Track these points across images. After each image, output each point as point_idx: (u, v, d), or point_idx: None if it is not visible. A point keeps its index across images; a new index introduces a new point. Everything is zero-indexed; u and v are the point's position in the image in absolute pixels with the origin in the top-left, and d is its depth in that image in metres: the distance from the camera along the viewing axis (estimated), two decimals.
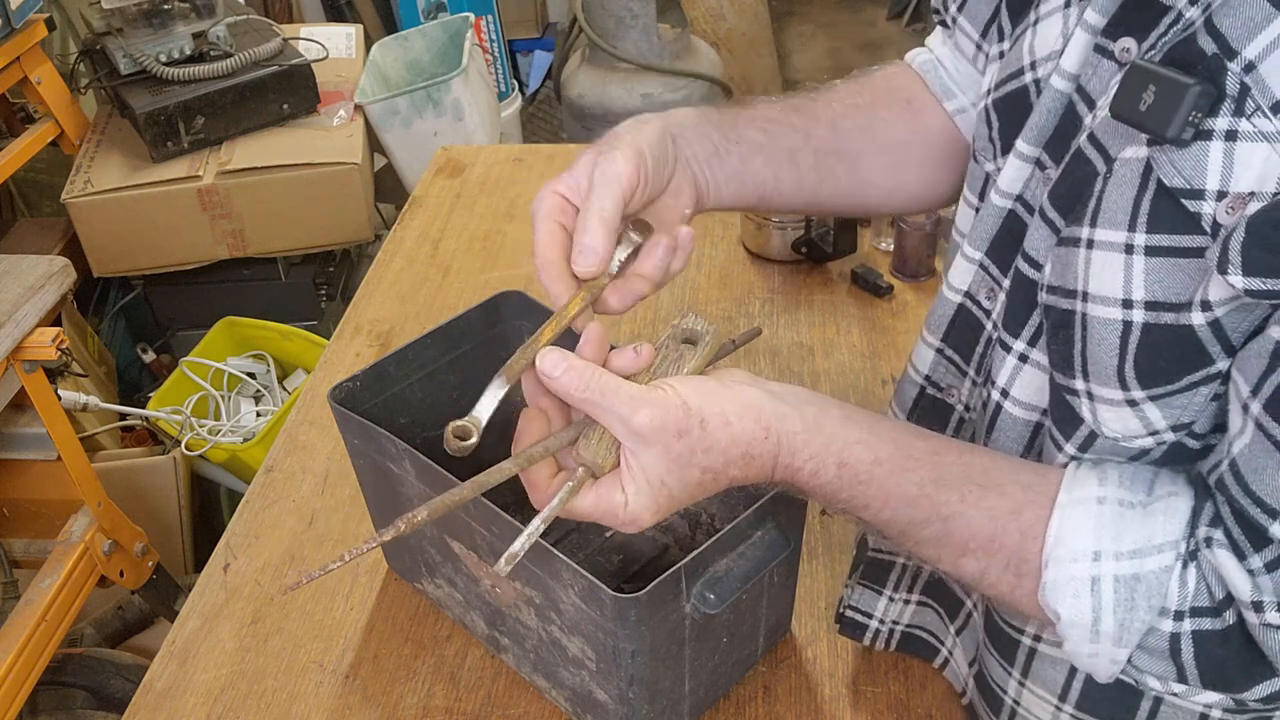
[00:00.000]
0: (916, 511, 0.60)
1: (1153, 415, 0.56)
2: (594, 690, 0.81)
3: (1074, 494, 0.58)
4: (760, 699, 0.89)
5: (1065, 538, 0.57)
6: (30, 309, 1.41)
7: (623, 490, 0.60)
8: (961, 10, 0.78)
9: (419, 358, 0.96)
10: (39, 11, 1.97)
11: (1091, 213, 0.56)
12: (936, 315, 0.73)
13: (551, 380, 0.60)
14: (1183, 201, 0.51)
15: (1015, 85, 0.67)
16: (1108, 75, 0.58)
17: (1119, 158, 0.55)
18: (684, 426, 0.58)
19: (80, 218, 2.09)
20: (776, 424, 0.60)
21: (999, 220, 0.67)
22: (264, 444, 1.88)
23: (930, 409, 0.76)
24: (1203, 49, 0.51)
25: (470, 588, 0.89)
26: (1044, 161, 0.63)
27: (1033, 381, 0.64)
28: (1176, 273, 0.52)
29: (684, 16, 3.15)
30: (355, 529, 1.07)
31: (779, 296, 1.36)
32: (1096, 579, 0.56)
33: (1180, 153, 0.51)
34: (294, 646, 0.96)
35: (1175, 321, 0.53)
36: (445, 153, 1.75)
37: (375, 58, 2.55)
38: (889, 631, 0.87)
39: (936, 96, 0.84)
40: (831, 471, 0.60)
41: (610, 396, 0.58)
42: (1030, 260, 0.62)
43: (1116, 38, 0.58)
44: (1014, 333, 0.65)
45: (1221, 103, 0.49)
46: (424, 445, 0.85)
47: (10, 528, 1.62)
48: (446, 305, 1.38)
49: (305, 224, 2.19)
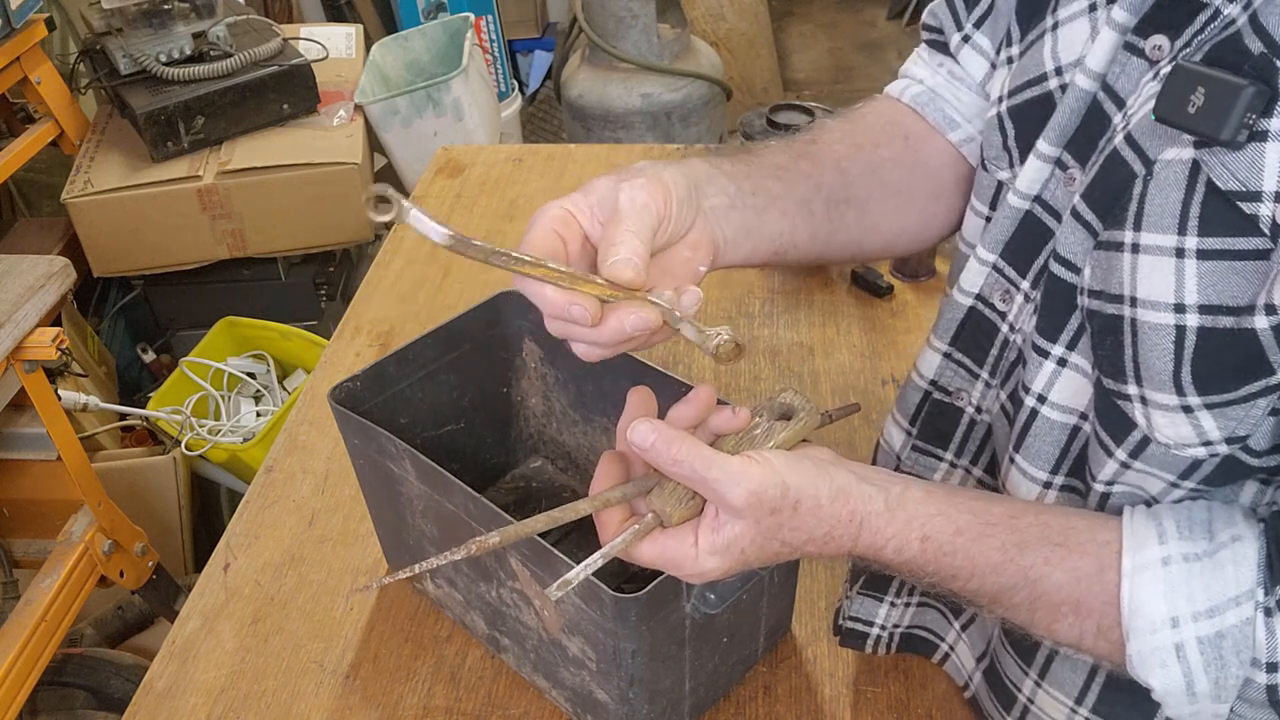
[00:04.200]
0: (1003, 577, 0.59)
1: (1207, 424, 0.55)
2: (594, 690, 0.81)
3: (1137, 559, 0.57)
4: (760, 699, 0.89)
5: (1140, 609, 0.56)
6: (30, 309, 1.41)
7: (695, 544, 0.61)
8: (980, 27, 0.76)
9: (419, 358, 0.96)
10: (39, 11, 1.97)
11: (1134, 216, 0.55)
12: (945, 320, 0.73)
13: (642, 452, 0.60)
14: (1238, 204, 0.50)
15: (1036, 91, 0.65)
16: (1137, 73, 0.57)
17: (1159, 159, 0.54)
18: (778, 505, 0.59)
19: (80, 218, 2.09)
20: (862, 506, 0.61)
21: (1015, 222, 0.66)
22: (264, 444, 1.88)
23: (937, 414, 0.76)
24: (1249, 48, 0.50)
25: (470, 588, 0.89)
26: (1065, 161, 0.62)
27: (1071, 385, 0.63)
28: (1233, 275, 0.51)
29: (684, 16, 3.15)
30: (355, 529, 1.07)
31: (779, 296, 1.36)
32: (1180, 645, 0.55)
33: (1234, 155, 0.50)
34: (294, 646, 0.96)
35: (1235, 325, 0.52)
36: (445, 153, 1.75)
37: (375, 58, 2.54)
38: (889, 636, 0.87)
39: (938, 129, 0.81)
40: (915, 547, 0.60)
41: (704, 471, 0.59)
42: (1065, 263, 0.61)
43: (1148, 35, 0.56)
44: (1051, 337, 0.63)
45: (1276, 103, 0.48)
46: (423, 445, 0.85)
47: (10, 528, 1.62)
48: (446, 305, 1.38)
49: (305, 224, 2.19)
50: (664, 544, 0.61)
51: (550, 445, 1.09)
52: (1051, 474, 0.66)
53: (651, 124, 2.94)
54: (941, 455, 0.77)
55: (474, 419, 1.03)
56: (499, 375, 1.04)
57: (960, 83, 0.80)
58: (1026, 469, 0.67)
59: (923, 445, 0.77)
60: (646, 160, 0.69)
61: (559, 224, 0.63)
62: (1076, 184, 0.61)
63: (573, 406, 1.03)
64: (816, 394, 1.20)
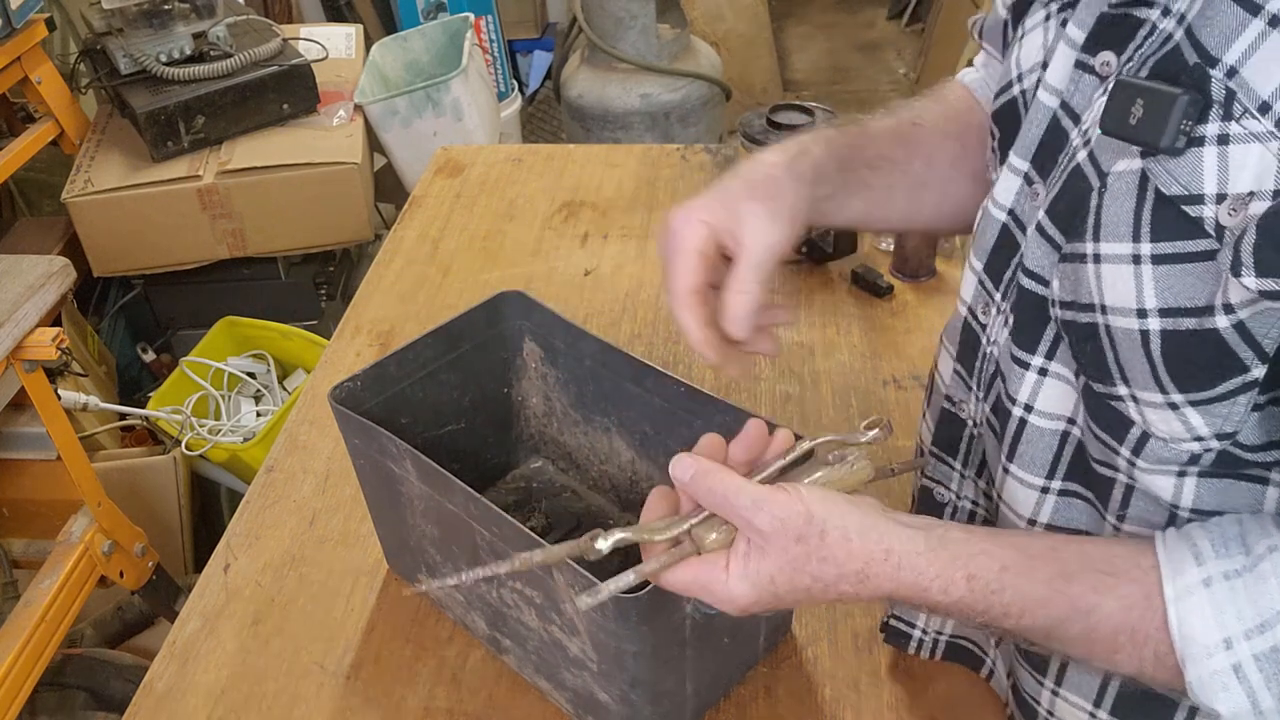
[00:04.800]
0: (1054, 610, 0.59)
1: (1195, 421, 0.56)
2: (596, 691, 0.81)
3: (1178, 584, 0.56)
4: (762, 699, 0.89)
5: (1191, 634, 0.55)
6: (30, 309, 1.41)
7: (726, 570, 0.62)
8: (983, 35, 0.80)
9: (419, 358, 0.96)
10: (39, 11, 1.97)
11: (1093, 228, 0.57)
12: (952, 328, 0.74)
13: (681, 485, 0.63)
14: (1183, 208, 0.52)
15: (1007, 97, 0.68)
16: (1090, 90, 0.60)
17: (1112, 171, 0.56)
18: (804, 533, 0.60)
19: (80, 217, 2.09)
20: (899, 545, 0.60)
21: (996, 233, 0.67)
22: (264, 444, 1.88)
23: (949, 423, 0.76)
24: (1186, 60, 0.52)
25: (471, 588, 0.89)
26: (1031, 176, 0.64)
27: (1055, 392, 0.64)
28: (1187, 278, 0.53)
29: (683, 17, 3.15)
30: (356, 529, 1.07)
31: (779, 296, 1.36)
32: (1238, 665, 0.54)
33: (1175, 161, 0.52)
34: (295, 647, 0.96)
35: (1198, 326, 0.53)
36: (445, 153, 1.75)
37: (375, 58, 2.54)
38: (933, 641, 0.87)
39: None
40: (961, 586, 0.60)
41: (733, 499, 0.60)
42: (1034, 276, 0.63)
43: (1096, 52, 0.59)
44: (1029, 349, 0.64)
45: (1210, 109, 0.50)
46: (424, 445, 0.84)
47: (10, 528, 1.62)
48: (446, 305, 1.38)
49: (305, 224, 2.19)
50: (696, 569, 0.62)
51: (551, 445, 1.08)
52: (1047, 479, 0.67)
53: (651, 124, 2.94)
54: (953, 464, 0.78)
55: (474, 419, 1.03)
56: (499, 375, 1.04)
57: None
58: (1022, 476, 0.68)
59: (939, 453, 0.79)
60: (788, 167, 0.73)
61: (704, 244, 0.69)
62: (1040, 199, 0.63)
63: (573, 406, 1.03)
64: (816, 394, 1.20)
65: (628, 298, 1.37)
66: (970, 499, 0.78)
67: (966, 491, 0.78)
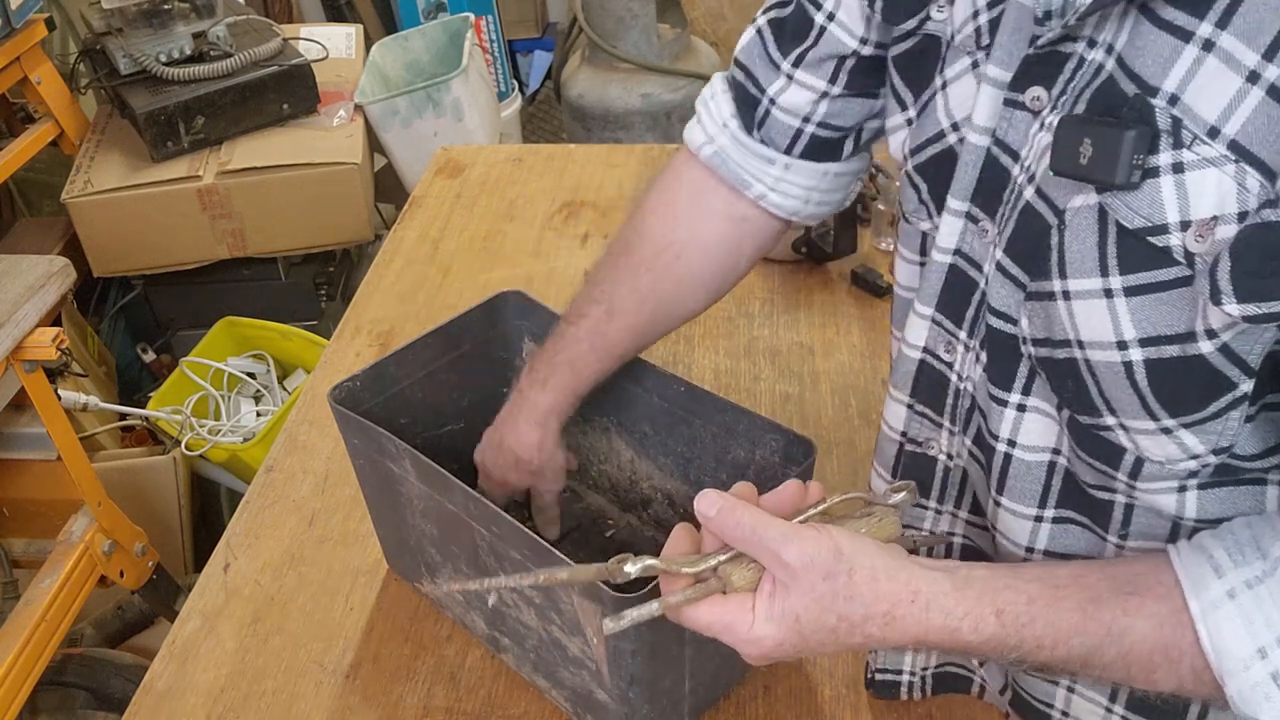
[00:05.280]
0: (1088, 638, 0.58)
1: (1189, 441, 0.56)
2: (594, 690, 0.81)
3: (1203, 600, 0.56)
4: (760, 699, 0.89)
5: (1225, 649, 0.55)
6: (30, 309, 1.41)
7: (752, 611, 0.61)
8: (800, 65, 0.79)
9: (419, 358, 0.96)
10: (39, 11, 1.97)
11: (1057, 265, 0.56)
12: (900, 372, 0.73)
13: (707, 521, 0.61)
14: (1148, 239, 0.52)
15: (939, 147, 0.67)
16: (1024, 125, 0.59)
17: (1068, 208, 0.56)
18: (832, 570, 0.59)
19: (80, 218, 2.09)
20: (926, 587, 0.60)
21: (943, 275, 0.67)
22: (264, 444, 1.88)
23: (913, 464, 0.76)
24: (1124, 91, 0.52)
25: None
26: (975, 214, 0.64)
27: (1037, 426, 0.64)
28: (1162, 307, 0.53)
29: (684, 17, 3.15)
30: (355, 529, 1.07)
31: (779, 296, 1.36)
32: (1276, 673, 0.54)
33: (1133, 194, 0.52)
34: (294, 646, 0.96)
35: (1182, 353, 0.53)
36: (445, 153, 1.75)
37: (375, 58, 2.54)
38: (921, 679, 0.86)
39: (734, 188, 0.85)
40: (991, 623, 0.59)
41: (761, 532, 0.59)
42: (1001, 315, 0.63)
43: (1024, 89, 0.59)
44: (1005, 386, 0.64)
45: (1159, 139, 0.50)
46: (424, 445, 0.85)
47: (10, 528, 1.62)
48: (446, 305, 1.38)
49: (305, 224, 2.19)
50: (722, 608, 0.61)
51: None
52: (1040, 508, 0.67)
53: (651, 124, 2.94)
54: (925, 504, 0.77)
55: (474, 419, 1.03)
56: (499, 375, 1.04)
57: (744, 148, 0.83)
58: (1014, 508, 0.68)
59: None
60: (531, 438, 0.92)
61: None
62: (990, 235, 0.63)
63: None
64: (816, 394, 1.20)
65: None
66: (948, 532, 0.78)
67: (943, 526, 0.78)
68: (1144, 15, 0.52)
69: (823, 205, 0.86)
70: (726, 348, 1.28)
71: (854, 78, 0.77)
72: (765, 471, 0.88)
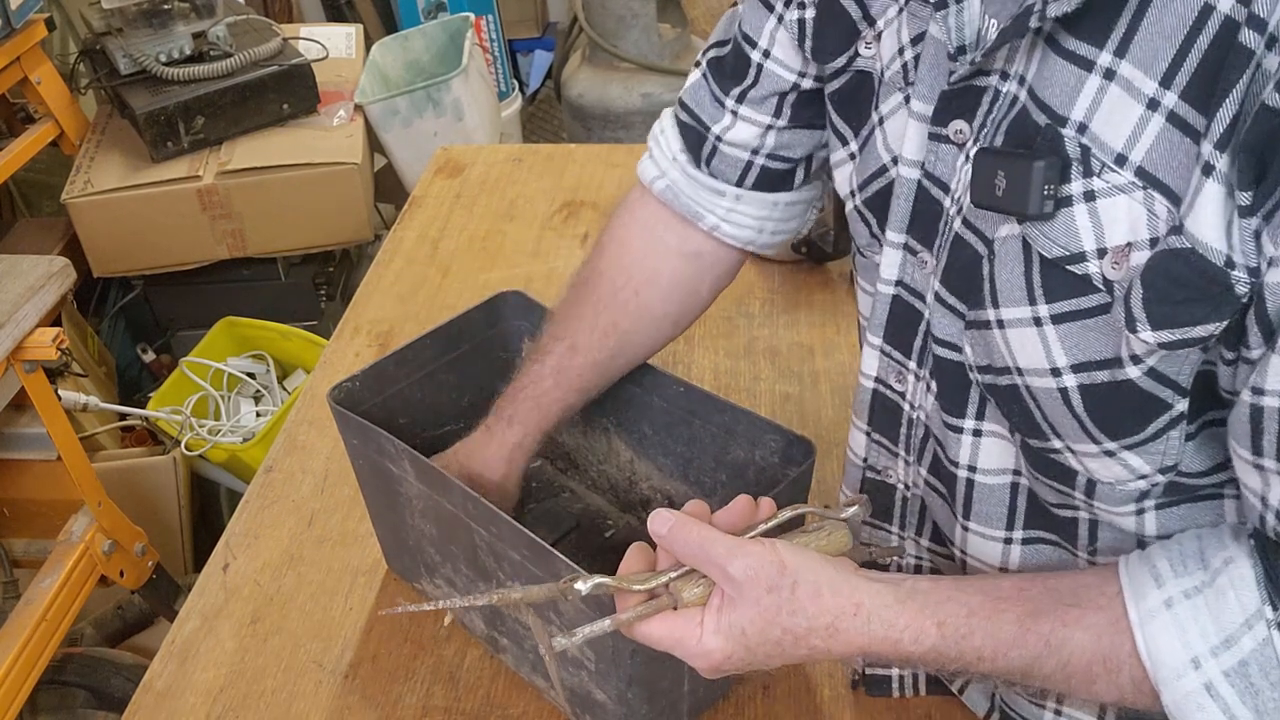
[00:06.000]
0: (1026, 650, 0.59)
1: (1135, 463, 0.57)
2: (593, 690, 0.81)
3: (1141, 608, 0.56)
4: (760, 699, 0.89)
5: (1160, 658, 0.55)
6: (30, 309, 1.41)
7: (700, 625, 0.61)
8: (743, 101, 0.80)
9: (419, 358, 0.96)
10: (39, 11, 1.96)
11: (989, 295, 0.57)
12: (859, 401, 0.75)
13: (660, 539, 0.63)
14: (1067, 268, 0.53)
15: (882, 182, 0.68)
16: (950, 158, 0.60)
17: (996, 238, 0.56)
18: (775, 583, 0.60)
19: (80, 218, 2.09)
20: (869, 600, 0.61)
21: (887, 306, 0.68)
22: (264, 444, 1.88)
23: (875, 490, 0.77)
24: (1036, 121, 0.53)
25: (470, 588, 0.89)
26: (912, 246, 0.65)
27: (995, 449, 0.65)
28: (1088, 334, 0.54)
29: (684, 16, 3.14)
30: (355, 529, 1.07)
31: (779, 296, 1.36)
32: (1209, 684, 0.54)
33: (1049, 224, 0.52)
34: (293, 646, 0.96)
35: (1111, 379, 0.54)
36: (445, 153, 1.75)
37: (375, 58, 2.54)
38: (912, 676, 0.87)
39: (688, 220, 0.86)
40: (933, 634, 0.60)
41: (709, 547, 0.60)
42: (946, 344, 0.63)
43: (946, 122, 0.60)
44: (958, 414, 0.65)
45: (1069, 168, 0.51)
46: (424, 445, 0.85)
47: (10, 528, 1.62)
48: (446, 305, 1.38)
49: (305, 224, 2.19)
50: (672, 623, 0.62)
51: (550, 446, 1.08)
52: (1008, 530, 0.67)
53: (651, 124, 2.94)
54: (889, 529, 0.78)
55: (474, 419, 1.03)
56: (499, 375, 1.04)
57: (695, 182, 0.84)
58: (983, 531, 0.68)
59: (870, 520, 0.78)
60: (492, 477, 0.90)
61: None
62: (929, 266, 0.64)
63: None
64: (816, 394, 1.20)
65: None
66: (915, 557, 0.79)
67: (909, 551, 0.78)
68: (1049, 46, 0.53)
69: (778, 234, 0.87)
70: (726, 348, 1.28)
71: (798, 110, 0.78)
72: (765, 472, 0.88)
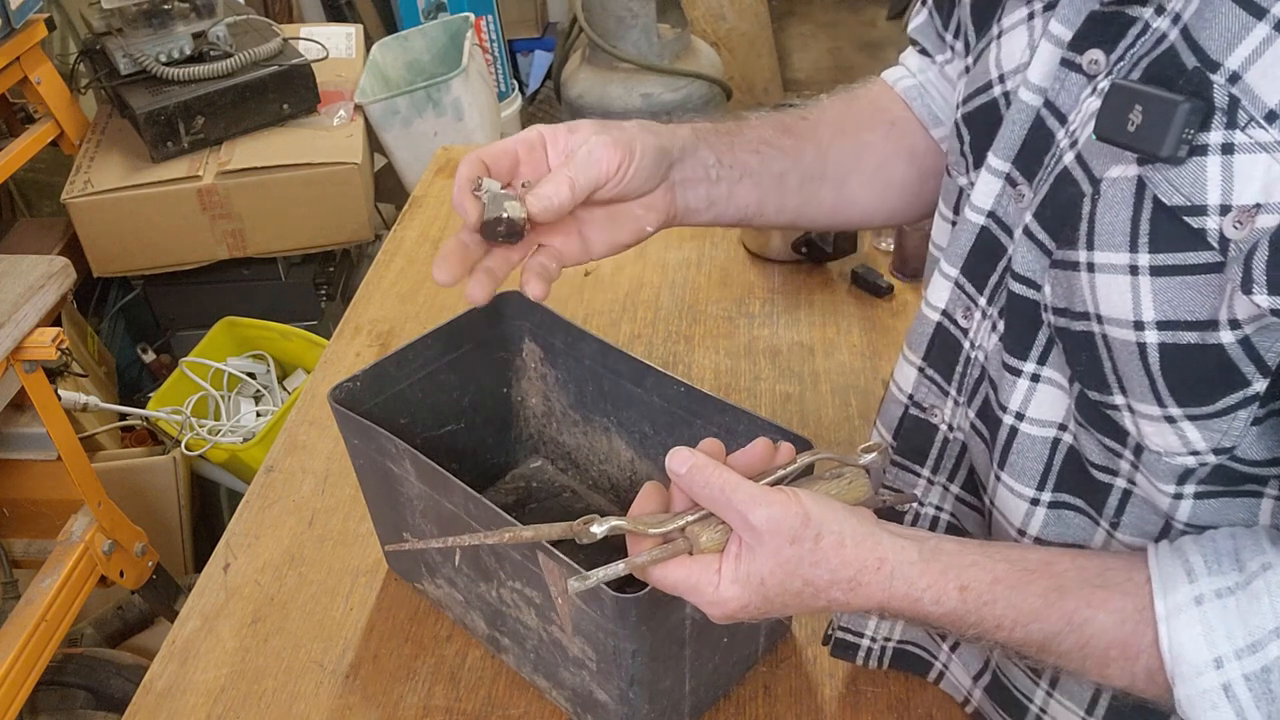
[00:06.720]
0: (1047, 624, 0.58)
1: (1192, 435, 0.55)
2: (594, 690, 0.81)
3: (1170, 601, 0.56)
4: (760, 699, 0.89)
5: (1181, 653, 0.55)
6: (30, 309, 1.41)
7: (719, 573, 0.61)
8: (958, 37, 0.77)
9: (419, 358, 0.96)
10: (39, 11, 1.97)
11: (1086, 235, 0.55)
12: (916, 333, 0.72)
13: (678, 478, 0.61)
14: (1185, 219, 0.50)
15: (984, 99, 0.66)
16: (1076, 89, 0.58)
17: (1105, 178, 0.54)
18: (799, 534, 0.59)
19: (80, 218, 2.09)
20: (893, 555, 0.60)
21: (973, 237, 0.66)
22: (264, 444, 1.88)
23: (915, 429, 0.75)
24: (1184, 63, 0.50)
25: (470, 588, 0.89)
26: (1014, 178, 0.62)
27: (1048, 399, 0.63)
28: (1187, 291, 0.51)
29: (684, 16, 3.15)
30: (355, 529, 1.07)
31: (779, 296, 1.36)
32: (1228, 685, 0.53)
33: (1176, 170, 0.50)
34: (294, 646, 0.96)
35: (1201, 341, 0.52)
36: (445, 153, 1.75)
37: (375, 58, 2.55)
38: (880, 649, 0.86)
39: (923, 123, 0.83)
40: (954, 597, 0.59)
41: (730, 493, 0.59)
42: (1025, 281, 0.61)
43: (1083, 50, 0.57)
44: (1021, 355, 0.63)
45: (1212, 116, 0.48)
46: (424, 445, 0.85)
47: (10, 528, 1.62)
48: (446, 305, 1.38)
49: (305, 224, 2.19)
50: (688, 569, 0.61)
51: (550, 445, 1.09)
52: (1038, 490, 0.66)
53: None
54: (920, 471, 0.76)
55: (474, 419, 1.03)
56: (499, 375, 1.04)
57: (949, 83, 0.81)
58: (1013, 486, 0.67)
59: (901, 460, 0.77)
60: (641, 122, 0.75)
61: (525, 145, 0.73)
62: (1026, 200, 0.61)
63: (573, 407, 1.03)
64: (816, 393, 1.20)
65: (627, 298, 1.37)
66: (936, 505, 0.77)
67: (932, 499, 0.77)
68: None
69: None
70: (726, 348, 1.28)
71: None
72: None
